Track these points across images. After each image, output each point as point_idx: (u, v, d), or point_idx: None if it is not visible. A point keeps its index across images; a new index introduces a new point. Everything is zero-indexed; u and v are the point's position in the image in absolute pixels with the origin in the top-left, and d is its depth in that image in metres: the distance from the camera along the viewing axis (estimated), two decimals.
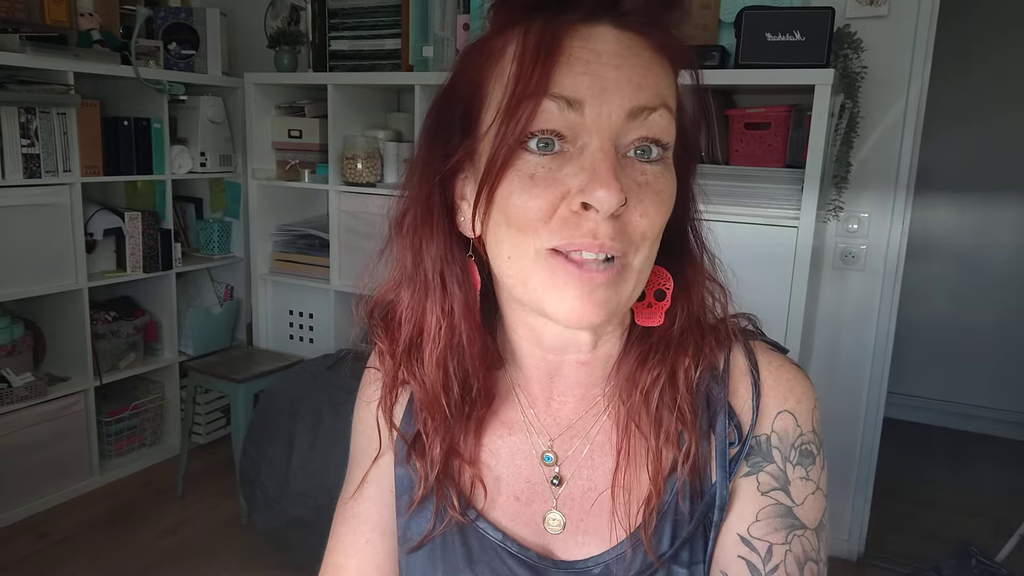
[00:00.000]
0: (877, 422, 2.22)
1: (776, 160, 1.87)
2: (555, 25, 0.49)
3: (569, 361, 0.60)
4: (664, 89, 0.51)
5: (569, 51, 0.49)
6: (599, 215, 0.48)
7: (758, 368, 0.60)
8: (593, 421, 0.61)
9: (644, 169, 0.51)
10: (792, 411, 0.59)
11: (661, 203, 0.51)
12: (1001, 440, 3.25)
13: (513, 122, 0.49)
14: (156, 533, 2.31)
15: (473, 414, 0.61)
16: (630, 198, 0.50)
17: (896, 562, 2.25)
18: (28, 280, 2.27)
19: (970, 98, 3.12)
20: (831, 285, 2.19)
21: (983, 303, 3.27)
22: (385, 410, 0.64)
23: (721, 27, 2.02)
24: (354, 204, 2.43)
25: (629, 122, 0.49)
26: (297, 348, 2.69)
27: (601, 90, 0.49)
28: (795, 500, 0.58)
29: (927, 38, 1.97)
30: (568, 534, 0.60)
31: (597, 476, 0.60)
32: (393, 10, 2.36)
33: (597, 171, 0.48)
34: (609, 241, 0.49)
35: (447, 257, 0.57)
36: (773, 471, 0.58)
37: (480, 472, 0.62)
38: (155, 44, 2.58)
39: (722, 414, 0.58)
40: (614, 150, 0.49)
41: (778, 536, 0.57)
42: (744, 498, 0.58)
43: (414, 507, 0.62)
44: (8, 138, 2.15)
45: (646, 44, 0.51)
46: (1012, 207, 3.19)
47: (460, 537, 0.61)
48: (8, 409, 2.26)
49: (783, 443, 0.58)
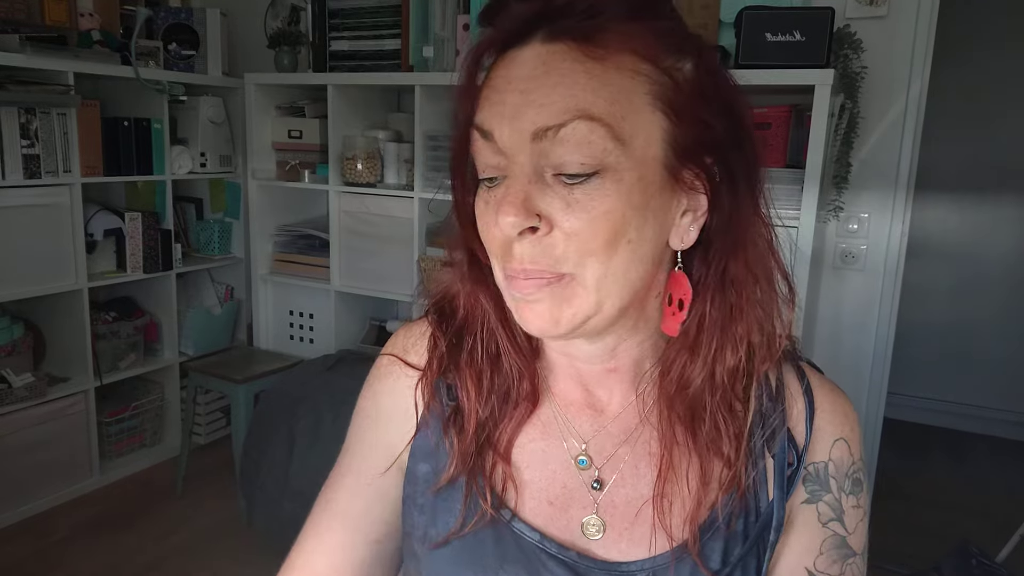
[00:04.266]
0: (877, 422, 2.22)
1: (776, 160, 1.87)
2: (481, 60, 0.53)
3: (598, 370, 0.61)
4: (582, 98, 0.48)
5: (491, 81, 0.52)
6: (518, 239, 0.51)
7: (812, 391, 0.61)
8: (633, 425, 0.61)
9: (572, 190, 0.50)
10: (847, 439, 0.61)
11: (592, 220, 0.50)
12: (1001, 440, 3.25)
13: (460, 152, 0.55)
14: (156, 533, 2.31)
15: (515, 412, 0.61)
16: (556, 217, 0.50)
17: (896, 562, 2.25)
18: (28, 280, 2.27)
19: (970, 98, 3.12)
20: (831, 285, 2.19)
21: (983, 303, 3.27)
22: (426, 390, 0.64)
23: (721, 27, 2.02)
24: (354, 204, 2.43)
25: (538, 144, 0.50)
26: (297, 348, 2.69)
27: (502, 117, 0.51)
28: (848, 529, 0.60)
29: (927, 38, 1.97)
30: (608, 540, 0.59)
31: (641, 484, 0.59)
32: (393, 10, 2.36)
33: (501, 200, 0.51)
34: (529, 264, 0.51)
35: (473, 266, 0.60)
36: (830, 501, 0.60)
37: (511, 471, 0.61)
38: (155, 44, 2.58)
39: (782, 433, 0.59)
40: (531, 174, 0.51)
41: (836, 568, 0.59)
42: (806, 528, 0.60)
43: (441, 485, 0.61)
44: (8, 138, 2.15)
45: (576, 48, 0.49)
46: (1012, 207, 3.19)
47: (493, 535, 0.59)
48: (8, 409, 2.26)
49: (839, 472, 0.60)
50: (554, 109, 0.49)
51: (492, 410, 0.61)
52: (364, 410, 0.67)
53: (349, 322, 2.60)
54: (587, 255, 0.51)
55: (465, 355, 0.62)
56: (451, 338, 0.63)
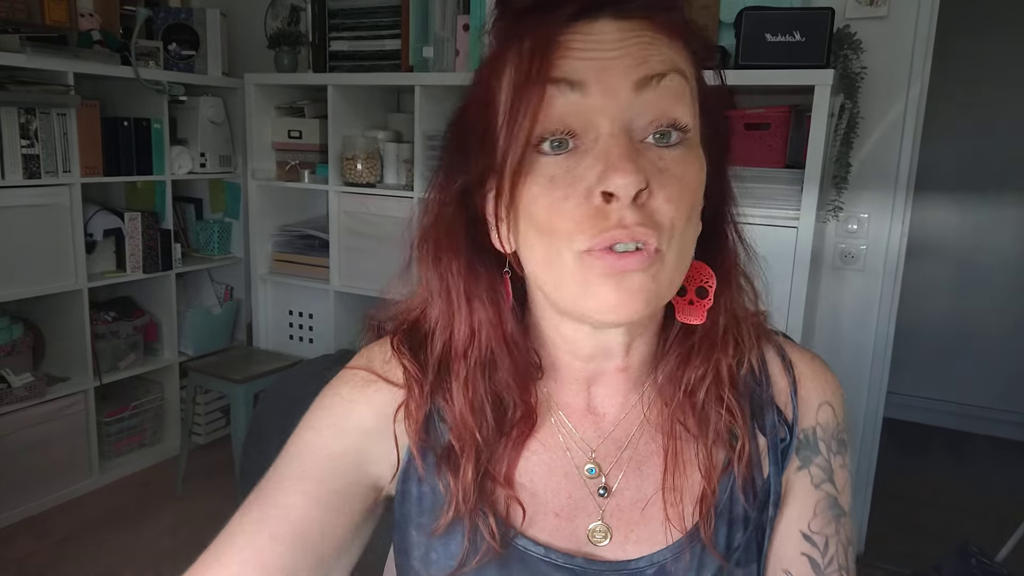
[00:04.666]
0: (877, 422, 2.22)
1: (776, 160, 1.87)
2: (551, 22, 0.49)
3: (608, 369, 0.59)
4: (674, 57, 0.50)
5: (567, 43, 0.49)
6: (622, 203, 0.47)
7: (793, 363, 0.63)
8: (635, 427, 0.60)
9: (662, 154, 0.49)
10: (831, 403, 0.63)
11: (684, 188, 0.49)
12: (1001, 440, 3.25)
13: (520, 118, 0.48)
14: (156, 533, 2.31)
15: (512, 434, 0.58)
16: (652, 184, 0.48)
17: (896, 562, 2.25)
18: (28, 280, 2.27)
19: (970, 98, 3.12)
20: (831, 285, 2.19)
21: (983, 303, 3.27)
22: (412, 427, 0.58)
23: (721, 27, 2.02)
24: (354, 204, 2.43)
25: (639, 95, 0.48)
26: (297, 348, 2.69)
27: (603, 68, 0.48)
28: (838, 488, 0.62)
29: (927, 38, 1.97)
30: (615, 543, 0.58)
31: (646, 484, 0.59)
32: (393, 10, 2.36)
33: (610, 157, 0.47)
34: (638, 228, 0.47)
35: (470, 276, 0.56)
36: (821, 463, 0.61)
37: (516, 492, 0.58)
38: (155, 44, 2.57)
39: (771, 412, 0.60)
40: (626, 135, 0.48)
41: (831, 528, 0.60)
42: (800, 493, 0.61)
43: (440, 531, 0.58)
44: (8, 138, 2.15)
45: (650, 26, 0.50)
46: (1012, 207, 3.19)
47: (496, 562, 0.57)
48: (8, 409, 2.26)
49: (826, 434, 0.62)
50: (654, 61, 0.49)
51: (483, 448, 0.57)
52: (330, 417, 0.60)
53: (349, 322, 2.59)
54: (675, 226, 0.49)
55: (457, 383, 0.57)
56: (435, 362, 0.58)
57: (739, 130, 1.90)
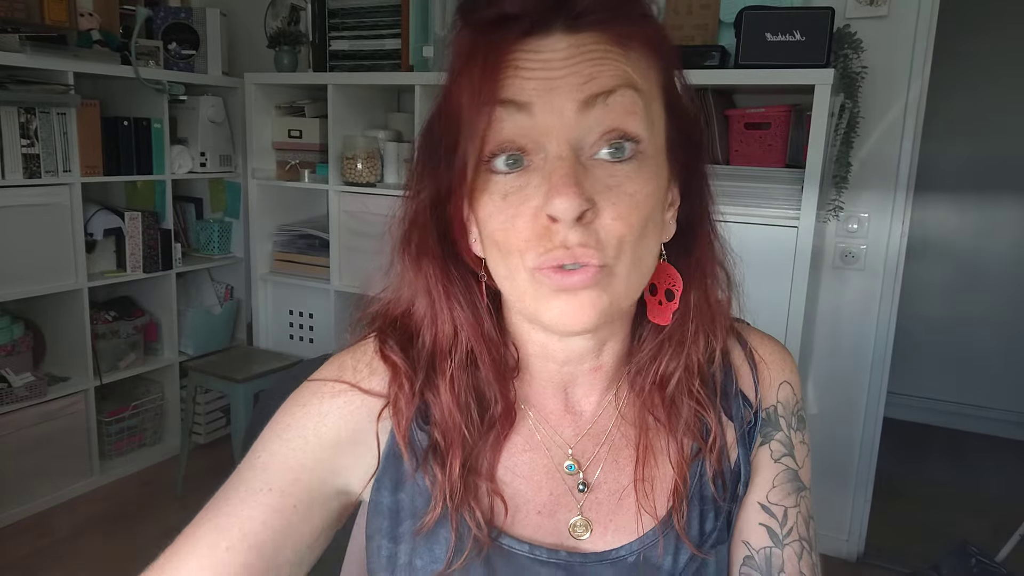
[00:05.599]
0: (877, 422, 2.22)
1: (776, 160, 1.87)
2: (504, 40, 0.49)
3: (583, 371, 0.60)
4: (628, 72, 0.50)
5: (515, 62, 0.49)
6: (565, 224, 0.48)
7: (752, 347, 0.65)
8: (610, 423, 0.62)
9: (614, 171, 0.49)
10: (789, 381, 0.65)
11: (635, 205, 0.50)
12: (1001, 440, 3.25)
13: (473, 136, 0.49)
14: (156, 533, 2.31)
15: (494, 430, 0.59)
16: (600, 201, 0.49)
17: (896, 562, 2.25)
18: (28, 280, 2.27)
19: (970, 98, 3.12)
20: (831, 285, 2.19)
21: (983, 303, 3.27)
22: (401, 423, 0.59)
23: (721, 27, 2.02)
24: (354, 204, 2.43)
25: (586, 114, 0.48)
26: (297, 348, 2.69)
27: (549, 88, 0.48)
28: (798, 463, 0.64)
29: (927, 38, 1.97)
30: (596, 536, 0.60)
31: (622, 476, 0.61)
32: (393, 10, 2.36)
33: (553, 179, 0.48)
34: (580, 249, 0.48)
35: (445, 279, 0.57)
36: (782, 438, 0.64)
37: (498, 489, 0.59)
38: (155, 44, 2.58)
39: (736, 400, 0.63)
40: (573, 154, 0.48)
41: (790, 500, 0.63)
42: (761, 467, 0.63)
43: (424, 530, 0.58)
44: (8, 138, 2.15)
45: (604, 39, 0.50)
46: (1012, 207, 3.19)
47: (481, 561, 0.58)
48: (8, 409, 2.26)
49: (786, 411, 0.64)
50: (602, 79, 0.49)
51: (469, 443, 0.58)
52: (298, 428, 0.59)
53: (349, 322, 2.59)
54: (624, 242, 0.50)
55: (444, 380, 0.58)
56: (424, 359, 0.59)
57: (739, 130, 1.90)
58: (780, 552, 0.62)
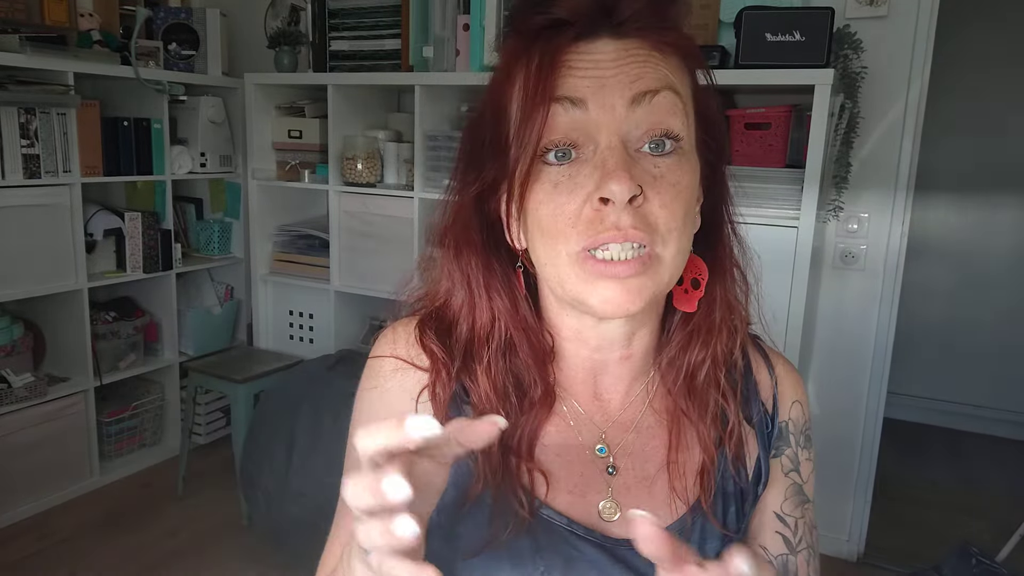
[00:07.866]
0: (877, 422, 2.22)
1: (776, 160, 1.87)
2: (556, 43, 0.54)
3: (613, 358, 0.63)
4: (668, 75, 0.55)
5: (569, 63, 0.54)
6: (617, 207, 0.52)
7: (771, 361, 0.70)
8: (639, 412, 0.65)
9: (657, 162, 0.54)
10: (800, 401, 0.70)
11: (678, 194, 0.54)
12: (1001, 440, 3.25)
13: (528, 131, 0.53)
14: (156, 534, 2.31)
15: (532, 411, 0.62)
16: (647, 189, 0.53)
17: (896, 562, 2.25)
18: (28, 280, 2.27)
19: (970, 98, 3.12)
20: (831, 285, 2.19)
21: (983, 303, 3.27)
22: (438, 406, 0.62)
23: (721, 27, 2.02)
24: (354, 204, 2.43)
25: (634, 110, 0.53)
26: (297, 348, 2.69)
27: (600, 86, 0.53)
28: (803, 478, 0.68)
29: (927, 38, 1.97)
30: (624, 520, 0.61)
31: (649, 465, 0.63)
32: (393, 10, 2.36)
33: (607, 166, 0.52)
34: (632, 230, 0.52)
35: (487, 270, 0.62)
36: (790, 454, 0.68)
37: (537, 465, 0.62)
38: (155, 44, 2.58)
39: (756, 402, 0.67)
40: (623, 146, 0.53)
41: (798, 511, 0.67)
42: (775, 478, 0.67)
43: (467, 505, 0.60)
44: (8, 138, 2.15)
45: (646, 44, 0.55)
46: (1012, 207, 3.19)
47: (527, 531, 0.60)
48: (8, 409, 2.26)
49: (796, 429, 0.69)
50: (648, 79, 0.54)
51: (511, 417, 0.61)
52: (373, 407, 0.65)
53: (349, 322, 2.60)
54: (670, 230, 0.54)
55: (481, 366, 0.62)
56: (460, 347, 0.63)
57: (739, 130, 1.90)
58: (795, 559, 0.66)
